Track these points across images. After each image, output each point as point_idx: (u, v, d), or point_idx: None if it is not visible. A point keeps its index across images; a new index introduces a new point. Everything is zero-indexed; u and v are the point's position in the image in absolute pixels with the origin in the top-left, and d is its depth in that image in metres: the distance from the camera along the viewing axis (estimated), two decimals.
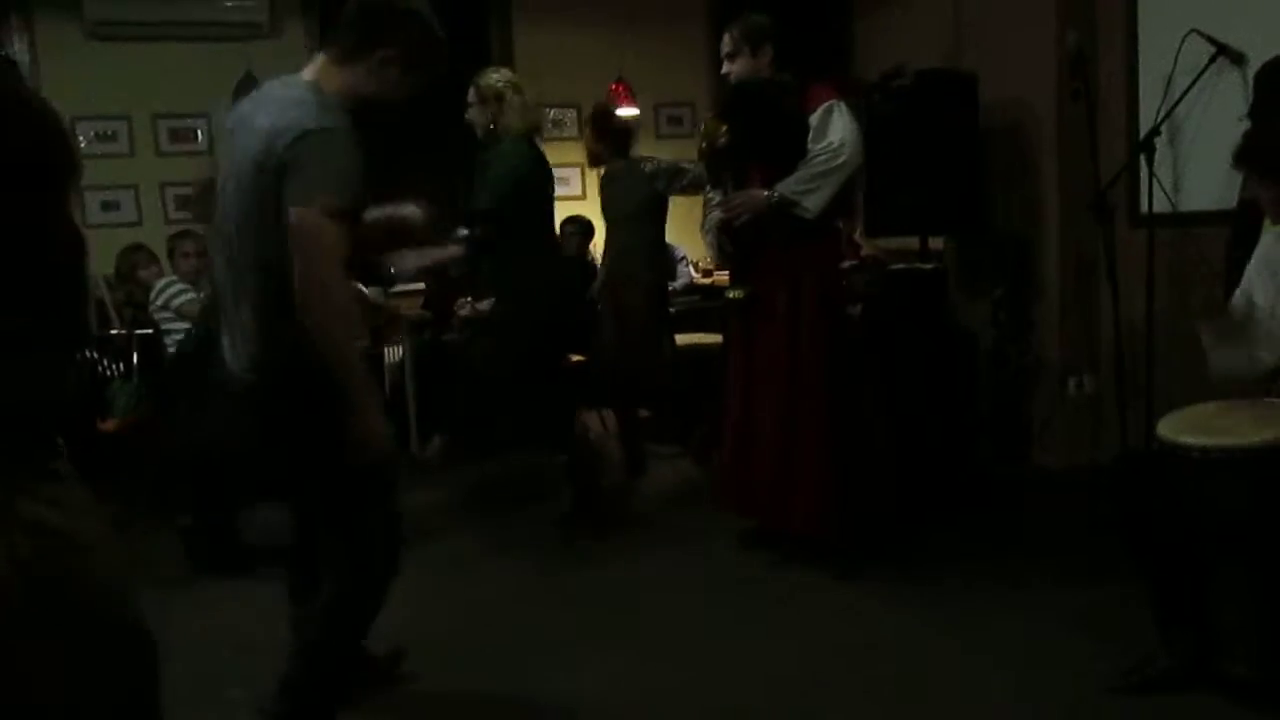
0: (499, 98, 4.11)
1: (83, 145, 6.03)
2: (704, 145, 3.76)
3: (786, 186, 3.53)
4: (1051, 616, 3.06)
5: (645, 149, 6.24)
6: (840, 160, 3.50)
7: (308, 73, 2.35)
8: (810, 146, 3.54)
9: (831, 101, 3.58)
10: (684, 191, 5.08)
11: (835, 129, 3.53)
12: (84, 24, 5.92)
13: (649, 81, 6.94)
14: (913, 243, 4.69)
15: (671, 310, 5.72)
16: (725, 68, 3.76)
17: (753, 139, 3.65)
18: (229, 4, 5.99)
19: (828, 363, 3.55)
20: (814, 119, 3.56)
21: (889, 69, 4.73)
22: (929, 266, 4.60)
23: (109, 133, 6.12)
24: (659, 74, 7.07)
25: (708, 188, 3.95)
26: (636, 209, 5.03)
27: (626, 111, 6.77)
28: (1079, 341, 4.57)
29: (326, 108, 2.22)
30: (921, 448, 4.11)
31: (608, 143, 5.08)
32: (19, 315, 1.21)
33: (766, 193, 3.55)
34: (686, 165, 5.05)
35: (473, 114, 4.21)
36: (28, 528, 1.24)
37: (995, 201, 4.72)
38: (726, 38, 3.73)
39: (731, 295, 3.72)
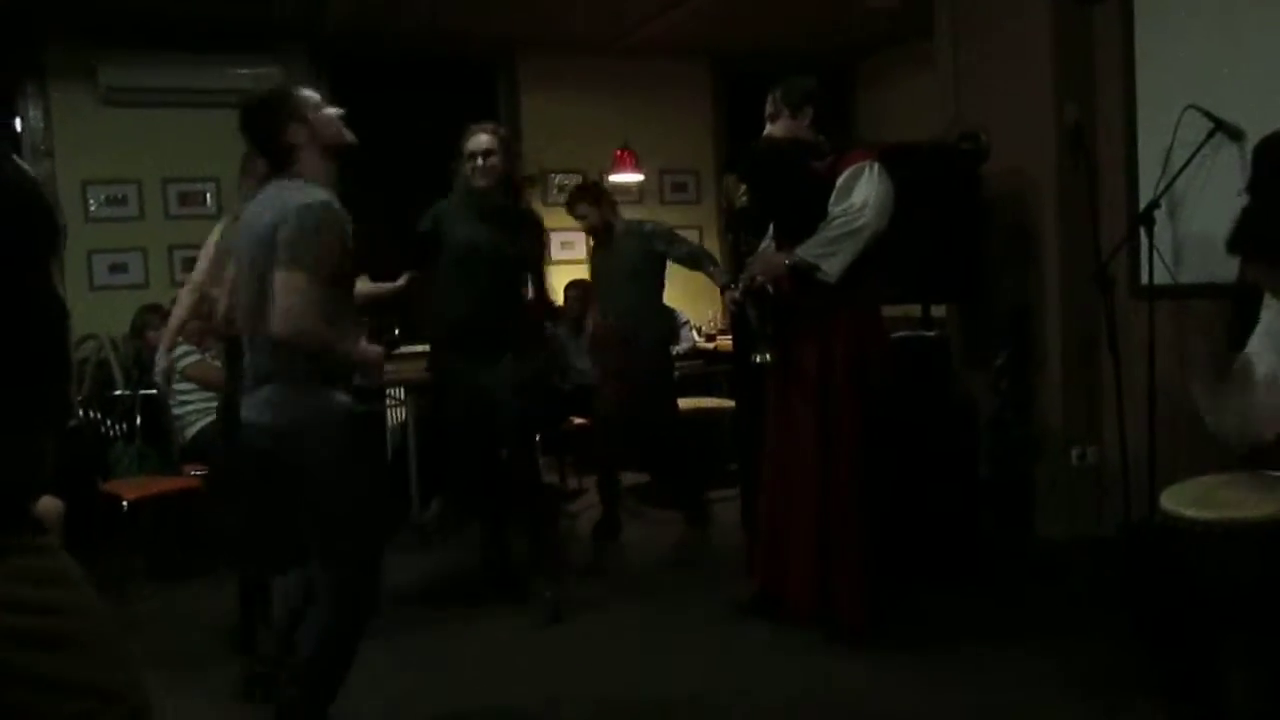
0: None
1: (92, 208, 6.12)
2: (725, 205, 3.74)
3: (806, 250, 3.46)
4: (1055, 689, 3.02)
5: (650, 215, 6.32)
6: (860, 223, 3.41)
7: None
8: (831, 208, 3.47)
9: (864, 163, 3.49)
10: (682, 262, 5.13)
11: (859, 191, 3.44)
12: (98, 90, 6.03)
13: (654, 148, 7.04)
14: (915, 310, 4.70)
15: (675, 374, 5.74)
16: (767, 129, 3.66)
17: (771, 199, 3.60)
18: (241, 72, 6.10)
19: (858, 435, 3.45)
20: (841, 180, 3.48)
21: (964, 130, 4.71)
22: (931, 334, 4.62)
23: (119, 196, 6.20)
24: (664, 141, 7.18)
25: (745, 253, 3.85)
26: (634, 268, 5.06)
27: (633, 177, 6.87)
28: (1081, 411, 4.57)
29: (308, 190, 2.62)
30: (923, 516, 4.09)
31: (610, 207, 5.14)
32: None
33: (785, 257, 3.51)
34: (681, 235, 5.18)
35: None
36: (9, 606, 1.22)
37: (997, 271, 4.75)
38: (770, 99, 3.65)
39: (757, 360, 3.63)
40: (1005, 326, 4.76)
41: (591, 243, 5.33)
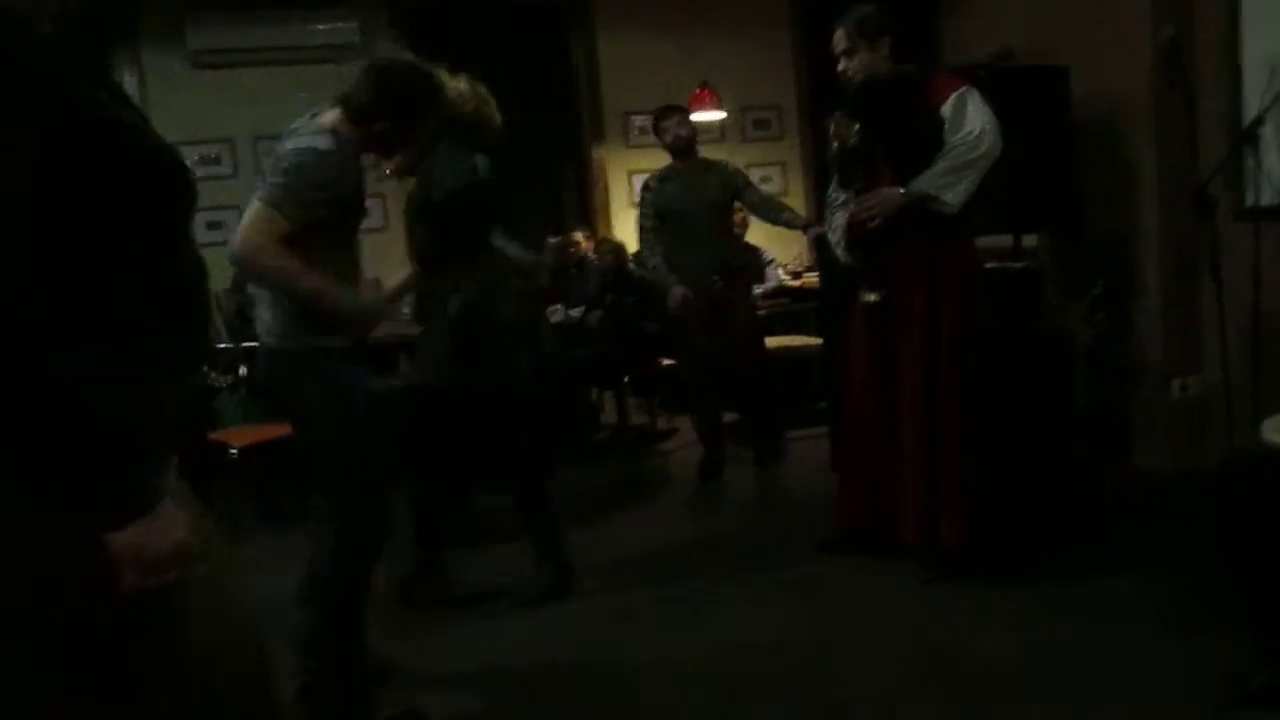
0: None
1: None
2: (835, 145, 3.62)
3: (925, 182, 3.37)
4: (1149, 626, 2.98)
5: (731, 153, 6.28)
6: (982, 150, 3.35)
7: (327, 119, 2.63)
8: (948, 138, 3.39)
9: (964, 88, 3.42)
10: (756, 209, 5.10)
11: (972, 118, 3.38)
12: (187, 53, 6.19)
13: (734, 85, 6.94)
14: (1005, 241, 4.59)
15: (762, 311, 5.71)
16: (842, 65, 3.57)
17: (885, 136, 3.51)
18: (321, 27, 6.19)
19: (965, 370, 3.41)
20: (946, 109, 3.40)
21: (995, 50, 4.57)
22: (1021, 265, 4.51)
23: (213, 155, 6.38)
24: (744, 78, 7.07)
25: (833, 188, 3.76)
26: (722, 204, 5.03)
27: (714, 115, 6.79)
28: (1182, 341, 4.43)
29: (319, 135, 2.57)
30: (1018, 451, 4.02)
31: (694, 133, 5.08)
32: (146, 340, 1.25)
33: (901, 190, 3.42)
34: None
35: None
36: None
37: (1090, 197, 4.59)
38: (840, 34, 3.56)
39: (868, 299, 3.56)
40: (1101, 255, 4.62)
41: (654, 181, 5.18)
